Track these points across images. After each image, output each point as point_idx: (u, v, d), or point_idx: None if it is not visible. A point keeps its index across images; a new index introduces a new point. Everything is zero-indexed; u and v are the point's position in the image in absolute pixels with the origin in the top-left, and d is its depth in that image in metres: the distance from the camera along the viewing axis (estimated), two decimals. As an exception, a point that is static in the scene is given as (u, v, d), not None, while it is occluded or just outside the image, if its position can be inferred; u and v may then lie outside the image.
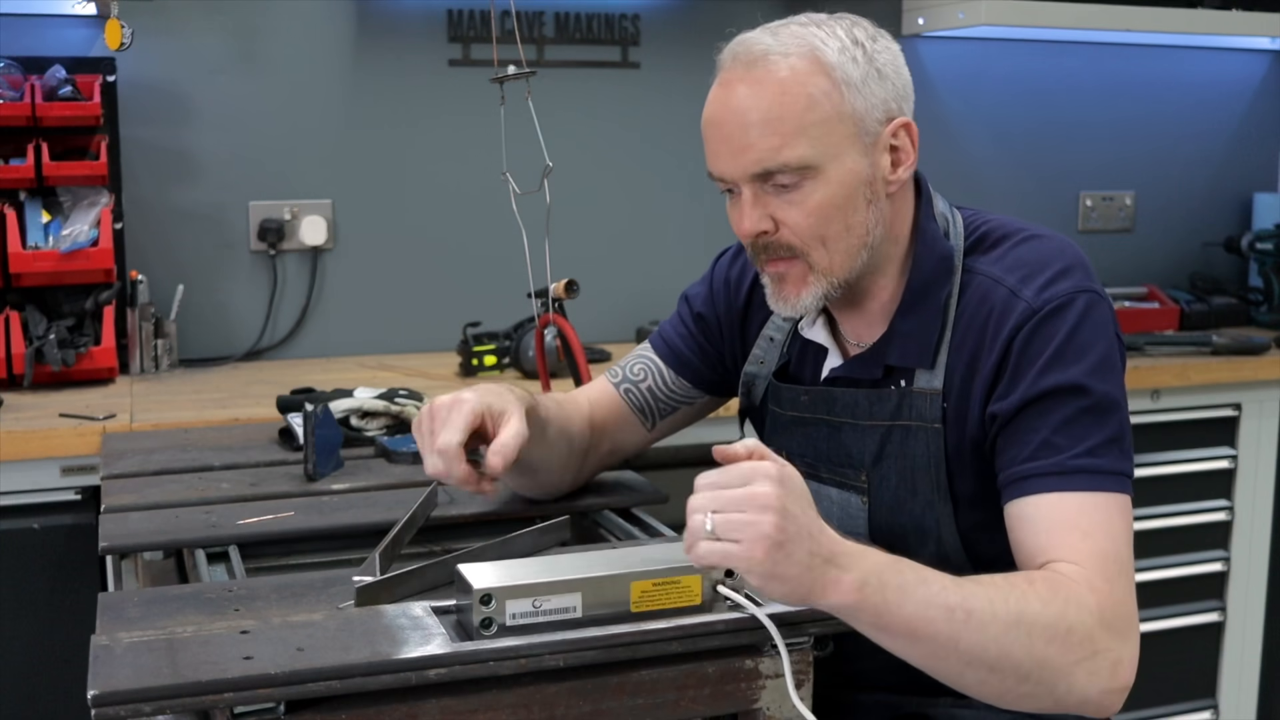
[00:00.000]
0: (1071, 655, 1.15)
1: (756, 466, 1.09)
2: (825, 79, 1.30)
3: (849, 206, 1.33)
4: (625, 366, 1.65)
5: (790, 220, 1.34)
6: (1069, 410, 1.27)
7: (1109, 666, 1.17)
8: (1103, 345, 1.30)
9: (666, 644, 1.14)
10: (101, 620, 1.16)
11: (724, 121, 1.35)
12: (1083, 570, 1.20)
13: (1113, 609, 1.19)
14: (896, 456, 1.40)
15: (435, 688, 1.08)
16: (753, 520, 1.06)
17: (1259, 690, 2.93)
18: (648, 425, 1.65)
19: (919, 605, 1.11)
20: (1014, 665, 1.14)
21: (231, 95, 2.75)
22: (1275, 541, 2.91)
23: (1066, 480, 1.25)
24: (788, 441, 1.52)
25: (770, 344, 1.56)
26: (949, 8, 3.00)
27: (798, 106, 1.30)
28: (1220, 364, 2.79)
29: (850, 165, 1.32)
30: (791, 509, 1.08)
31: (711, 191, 1.43)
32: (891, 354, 1.40)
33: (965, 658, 1.13)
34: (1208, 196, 3.57)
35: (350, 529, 1.52)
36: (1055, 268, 1.33)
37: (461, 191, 2.90)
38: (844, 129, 1.31)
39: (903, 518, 1.41)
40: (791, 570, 1.07)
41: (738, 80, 1.34)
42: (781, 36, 1.33)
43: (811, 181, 1.31)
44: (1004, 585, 1.16)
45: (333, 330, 2.87)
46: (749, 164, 1.32)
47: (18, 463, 2.07)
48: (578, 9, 2.96)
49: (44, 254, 2.41)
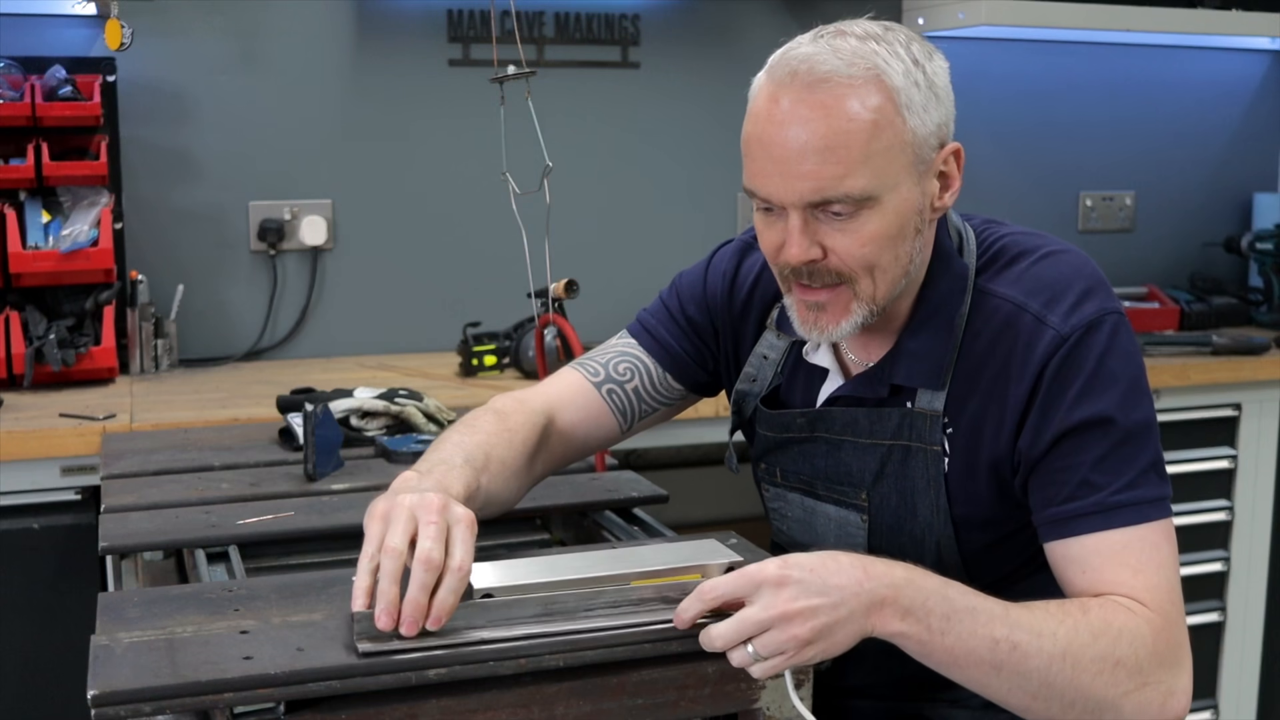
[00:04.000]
0: (1120, 688, 1.16)
1: (754, 576, 1.11)
2: (890, 104, 1.23)
3: (900, 236, 1.28)
4: (607, 364, 1.54)
5: (841, 248, 1.26)
6: (1105, 445, 1.25)
7: (1160, 699, 1.18)
8: (1131, 371, 1.28)
9: (666, 644, 1.14)
10: (101, 620, 1.16)
11: (778, 142, 1.24)
12: (1138, 604, 1.21)
13: (1166, 642, 1.20)
14: (896, 476, 1.37)
15: (435, 688, 1.08)
16: (789, 636, 1.10)
17: (1259, 690, 2.93)
18: (624, 426, 1.55)
19: (962, 635, 1.14)
20: (1058, 695, 1.16)
21: (231, 95, 2.75)
22: (1275, 541, 2.91)
23: (1110, 518, 1.24)
24: (782, 459, 1.48)
25: (764, 362, 1.49)
26: (949, 8, 3.00)
27: (863, 135, 1.22)
28: (1220, 364, 2.79)
29: (905, 194, 1.26)
30: (814, 601, 1.10)
31: (711, 191, 1.42)
32: (899, 373, 1.36)
33: (1008, 685, 1.16)
34: (1208, 196, 3.57)
35: (350, 529, 1.51)
36: (1078, 289, 1.30)
37: (461, 191, 2.90)
38: (904, 158, 1.25)
39: (902, 538, 1.39)
40: (840, 639, 1.12)
41: (795, 100, 1.23)
42: (844, 54, 1.23)
43: (868, 211, 1.24)
44: (1056, 615, 1.17)
45: (333, 330, 2.87)
46: (806, 191, 1.24)
47: (18, 463, 2.07)
48: (578, 9, 2.96)
49: (44, 254, 2.41)
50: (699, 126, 3.07)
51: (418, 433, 1.93)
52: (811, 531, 1.46)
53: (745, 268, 1.53)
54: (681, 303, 1.56)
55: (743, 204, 3.09)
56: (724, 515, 2.75)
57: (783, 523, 1.51)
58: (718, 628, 1.11)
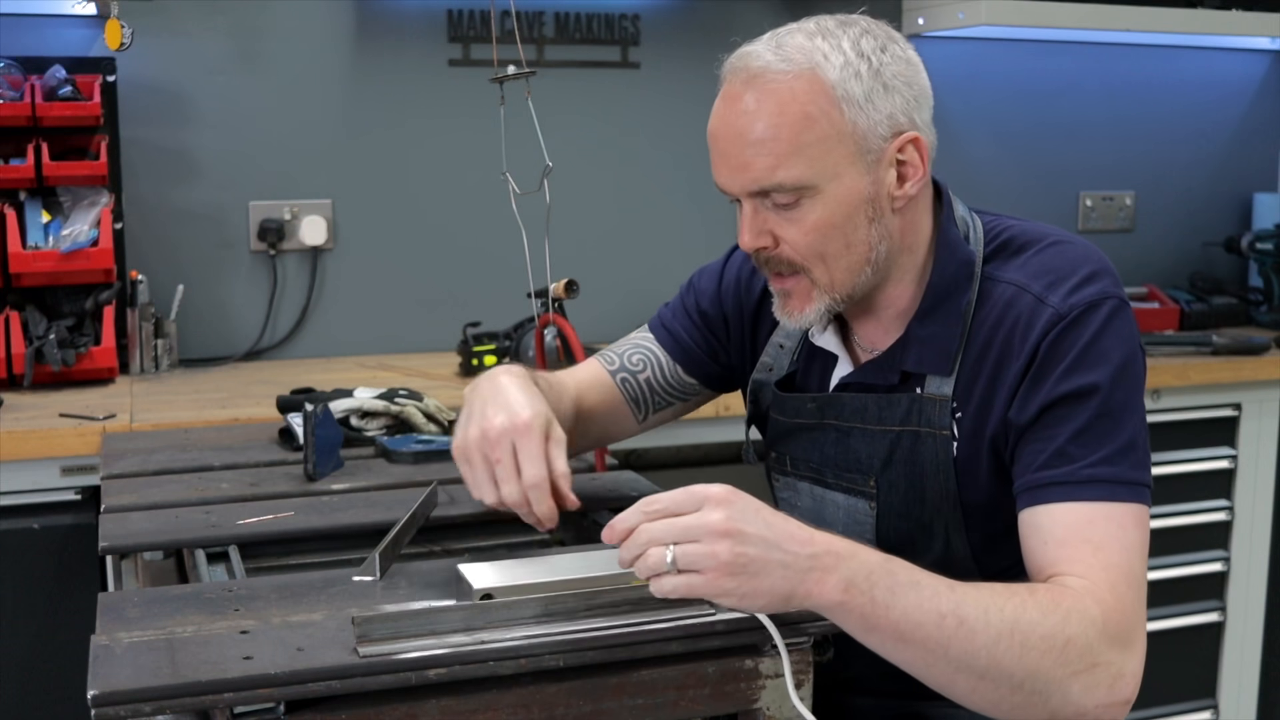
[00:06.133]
0: (1068, 667, 1.13)
1: (698, 492, 1.10)
2: (824, 97, 1.27)
3: (848, 225, 1.31)
4: (623, 354, 1.62)
5: (789, 237, 1.32)
6: (1084, 418, 1.25)
7: (1108, 680, 1.15)
8: (1124, 352, 1.28)
9: (666, 644, 1.14)
10: (101, 620, 1.16)
11: (723, 136, 1.34)
12: (1090, 583, 1.19)
13: (1118, 622, 1.17)
14: (905, 462, 1.39)
15: (435, 688, 1.08)
16: (709, 550, 1.07)
17: (1259, 690, 2.93)
18: (639, 417, 1.62)
19: (908, 609, 1.11)
20: (1005, 674, 1.12)
21: (231, 95, 2.75)
22: (1275, 541, 2.91)
23: (1079, 490, 1.24)
24: (792, 447, 1.50)
25: (780, 351, 1.54)
26: (949, 8, 3.00)
27: (794, 127, 1.27)
28: (1220, 364, 2.79)
29: (850, 184, 1.29)
30: (747, 529, 1.08)
31: (711, 191, 1.43)
32: (908, 359, 1.38)
33: (954, 664, 1.12)
34: (1208, 196, 3.57)
35: (350, 529, 1.51)
36: (1082, 273, 1.31)
37: (461, 191, 2.90)
38: (843, 148, 1.28)
39: (910, 524, 1.40)
40: (763, 585, 1.09)
41: (737, 95, 1.31)
42: (784, 50, 1.30)
43: (809, 200, 1.29)
44: (1003, 593, 1.15)
45: (333, 330, 2.87)
46: (746, 181, 1.31)
47: (18, 463, 2.07)
48: (578, 9, 2.96)
49: (44, 254, 2.41)
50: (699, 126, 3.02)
51: (418, 433, 1.93)
52: (821, 521, 1.47)
53: None
54: (697, 297, 1.62)
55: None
56: (724, 515, 2.75)
57: (792, 513, 1.51)
58: (648, 526, 1.10)
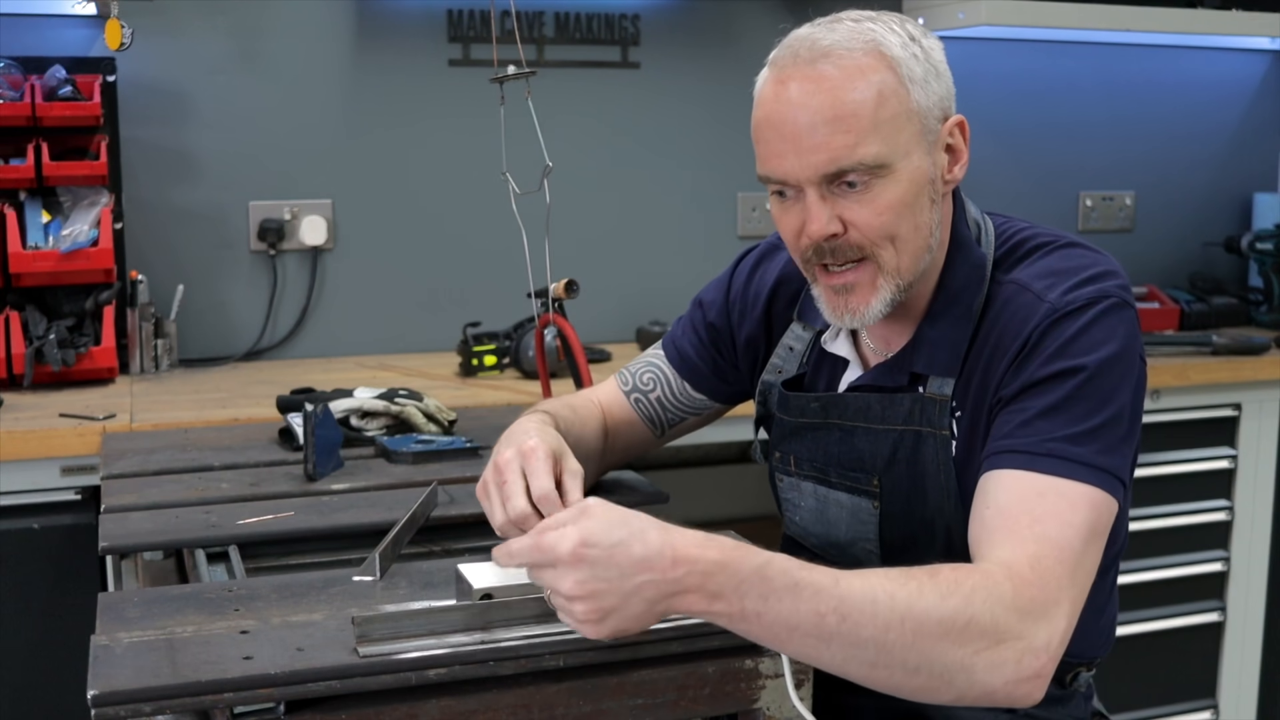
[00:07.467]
0: (969, 648, 1.09)
1: (549, 549, 1.05)
2: (892, 74, 1.26)
3: (917, 205, 1.30)
4: (635, 374, 1.64)
5: (860, 220, 1.28)
6: (1059, 395, 1.24)
7: (1015, 656, 1.10)
8: (1117, 346, 1.27)
9: (666, 644, 1.14)
10: (101, 620, 1.16)
11: (788, 120, 1.27)
12: (1011, 556, 1.15)
13: (1032, 596, 1.12)
14: (908, 461, 1.38)
15: (435, 688, 1.08)
16: (569, 610, 1.05)
17: (1259, 690, 2.93)
18: (657, 433, 1.64)
19: (781, 614, 1.06)
20: (898, 662, 1.09)
21: (231, 95, 2.75)
22: (1275, 541, 2.91)
23: (1033, 460, 1.21)
24: (795, 446, 1.50)
25: (790, 353, 1.53)
26: (949, 8, 3.00)
27: (871, 104, 1.25)
28: (1220, 364, 2.79)
29: (917, 163, 1.29)
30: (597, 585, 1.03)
31: (711, 191, 1.42)
32: (919, 361, 1.37)
33: (841, 657, 1.09)
34: (1208, 196, 3.57)
35: (350, 529, 1.51)
36: (1085, 274, 1.31)
37: (461, 191, 2.90)
38: (911, 127, 1.28)
39: (914, 523, 1.39)
40: (632, 613, 1.05)
41: (801, 78, 1.26)
42: (840, 32, 1.28)
43: (882, 180, 1.27)
44: (898, 579, 1.10)
45: (333, 330, 2.87)
46: (821, 164, 1.26)
47: (18, 463, 2.07)
48: (578, 9, 2.96)
49: (44, 254, 2.41)
50: (699, 126, 3.07)
51: (418, 433, 1.93)
52: (824, 521, 1.47)
53: (768, 267, 1.57)
54: (704, 312, 1.62)
55: (743, 204, 3.09)
56: (725, 515, 2.75)
57: (795, 513, 1.52)
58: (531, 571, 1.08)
